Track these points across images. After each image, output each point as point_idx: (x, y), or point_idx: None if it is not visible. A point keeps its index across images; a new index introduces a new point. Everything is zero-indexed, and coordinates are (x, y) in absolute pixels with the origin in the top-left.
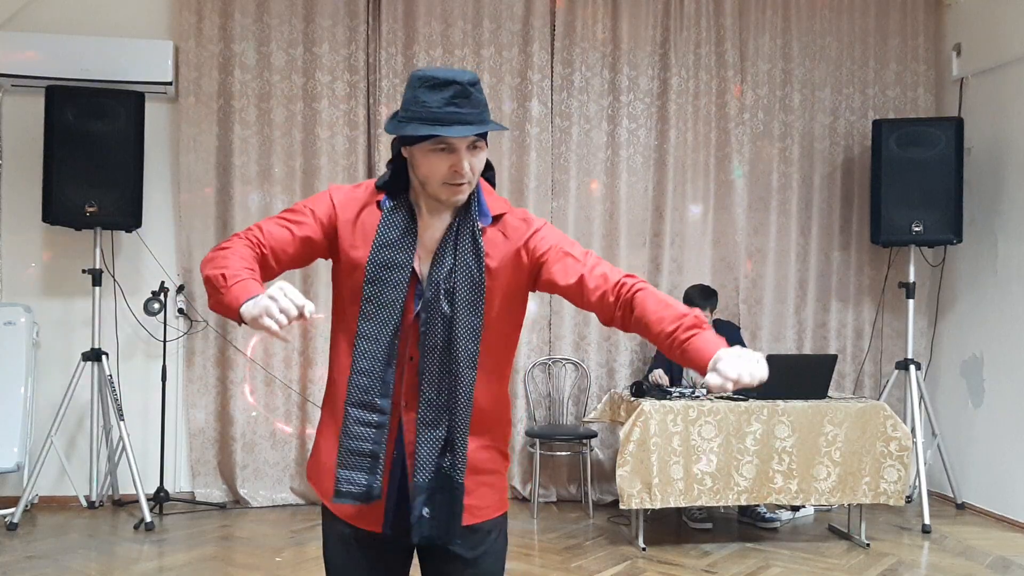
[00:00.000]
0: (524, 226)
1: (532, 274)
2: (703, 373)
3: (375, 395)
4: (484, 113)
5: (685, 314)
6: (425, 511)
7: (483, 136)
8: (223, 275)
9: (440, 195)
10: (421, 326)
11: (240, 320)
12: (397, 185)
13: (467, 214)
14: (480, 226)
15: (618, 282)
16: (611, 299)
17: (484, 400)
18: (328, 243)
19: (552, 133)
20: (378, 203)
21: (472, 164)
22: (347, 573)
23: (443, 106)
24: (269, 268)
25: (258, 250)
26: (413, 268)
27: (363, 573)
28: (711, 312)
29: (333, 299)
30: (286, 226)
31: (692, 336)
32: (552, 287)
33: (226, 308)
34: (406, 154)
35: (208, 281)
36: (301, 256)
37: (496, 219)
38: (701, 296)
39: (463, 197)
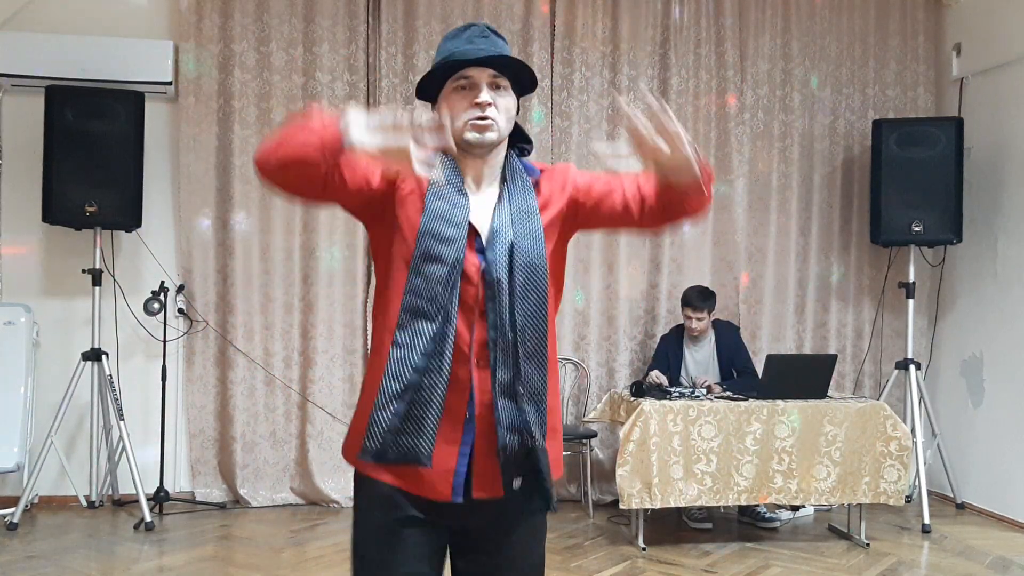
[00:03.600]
0: (559, 178)
1: (578, 206)
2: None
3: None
4: (506, 52)
5: None
6: (516, 482)
7: (508, 79)
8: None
9: (466, 133)
10: (489, 281)
11: (339, 151)
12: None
13: (513, 172)
14: (531, 179)
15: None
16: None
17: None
18: (382, 196)
19: (552, 133)
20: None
21: (496, 101)
22: (389, 557)
23: (462, 45)
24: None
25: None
26: (470, 222)
27: (408, 558)
28: (710, 312)
29: (378, 277)
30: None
31: None
32: (603, 202)
33: (318, 142)
34: (438, 114)
35: (276, 146)
36: (361, 188)
37: (542, 171)
38: (699, 298)
39: (491, 136)
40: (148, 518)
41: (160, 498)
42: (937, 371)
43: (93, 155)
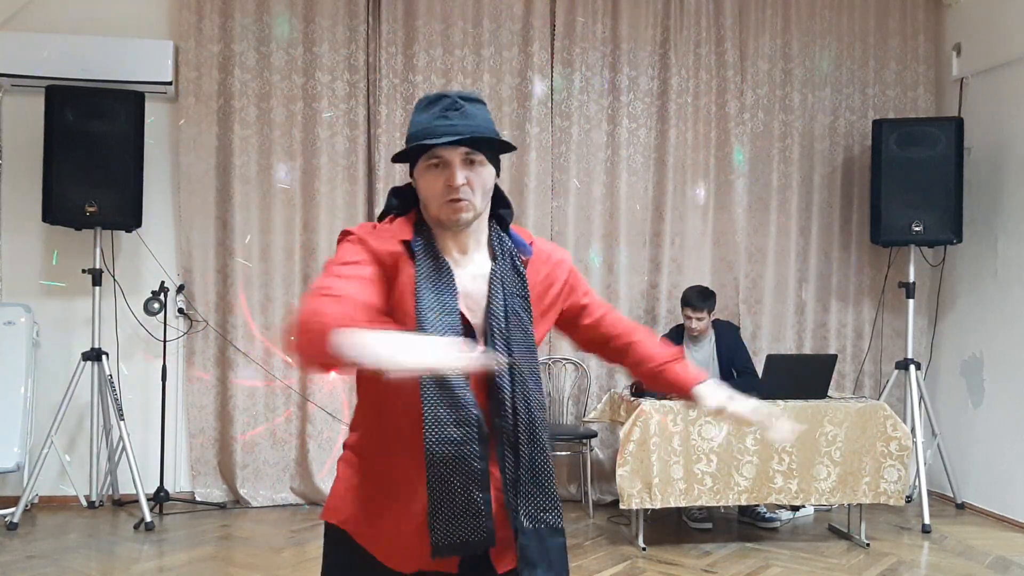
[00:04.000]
0: (561, 263)
1: (563, 310)
2: (686, 393)
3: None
4: (480, 127)
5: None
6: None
7: (484, 153)
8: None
9: (441, 216)
10: (493, 375)
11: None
12: (421, 229)
13: (504, 253)
14: (522, 259)
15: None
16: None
17: None
18: (386, 282)
19: (552, 133)
20: (405, 244)
21: (471, 179)
22: None
23: (432, 120)
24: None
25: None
26: (460, 312)
27: None
28: (710, 313)
29: None
30: (353, 276)
31: (673, 363)
32: (576, 328)
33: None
34: (414, 184)
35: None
36: (378, 303)
37: (532, 252)
38: (699, 297)
39: (466, 216)
40: (148, 518)
41: (160, 498)
42: (937, 371)
43: (93, 155)
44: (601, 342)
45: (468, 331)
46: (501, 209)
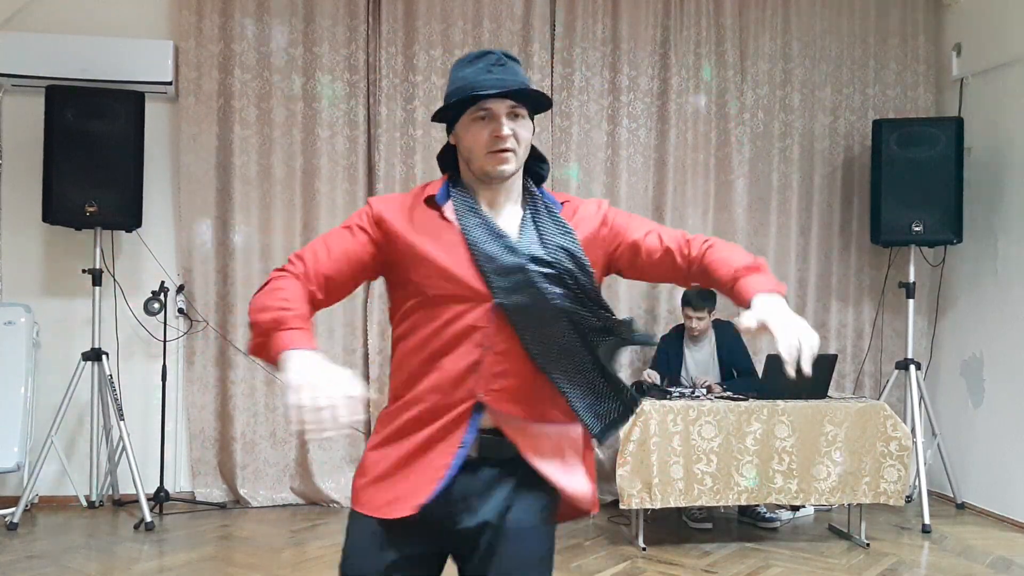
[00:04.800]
0: (592, 205)
1: (613, 257)
2: (744, 305)
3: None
4: (523, 82)
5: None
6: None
7: (526, 107)
8: (266, 319)
9: (485, 166)
10: (511, 313)
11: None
12: (455, 184)
13: (535, 201)
14: (557, 210)
15: (688, 242)
16: (682, 262)
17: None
18: (380, 254)
19: (552, 133)
20: (427, 200)
21: (516, 132)
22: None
23: (479, 75)
24: (317, 302)
25: (303, 284)
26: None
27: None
28: (710, 312)
29: (395, 314)
30: (330, 246)
31: (744, 276)
32: (638, 255)
33: (269, 358)
34: (454, 140)
35: (252, 327)
36: (352, 276)
37: (563, 204)
38: (699, 297)
39: (510, 168)
40: (148, 518)
41: (160, 498)
42: (937, 371)
43: (93, 155)
44: (672, 274)
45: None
46: (537, 164)
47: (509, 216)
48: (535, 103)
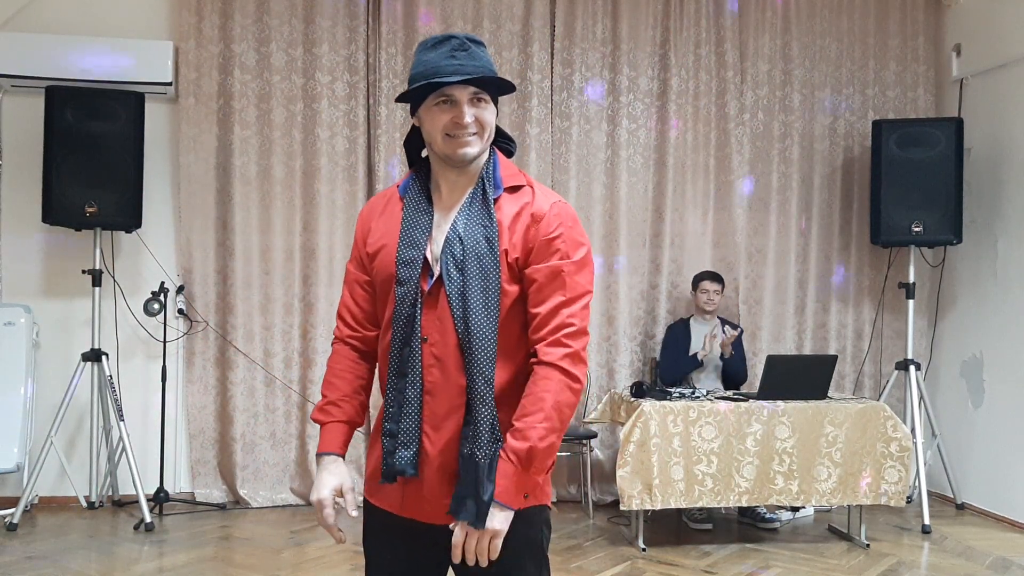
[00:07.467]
0: (552, 224)
1: (525, 273)
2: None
3: (394, 379)
4: (485, 67)
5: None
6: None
7: (489, 93)
8: (317, 408)
9: (446, 151)
10: (429, 302)
11: None
12: (421, 167)
13: (481, 185)
14: (492, 196)
15: (542, 343)
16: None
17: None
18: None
19: (552, 133)
20: (398, 188)
21: (478, 117)
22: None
23: (441, 60)
24: (367, 354)
25: (349, 348)
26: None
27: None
28: (723, 287)
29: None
30: (350, 289)
31: (504, 456)
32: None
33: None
34: (417, 123)
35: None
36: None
37: (512, 190)
38: (712, 279)
39: (472, 151)
40: (148, 519)
41: (160, 499)
42: (937, 371)
43: (93, 155)
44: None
45: (426, 264)
46: (504, 142)
47: (458, 197)
48: (498, 88)
